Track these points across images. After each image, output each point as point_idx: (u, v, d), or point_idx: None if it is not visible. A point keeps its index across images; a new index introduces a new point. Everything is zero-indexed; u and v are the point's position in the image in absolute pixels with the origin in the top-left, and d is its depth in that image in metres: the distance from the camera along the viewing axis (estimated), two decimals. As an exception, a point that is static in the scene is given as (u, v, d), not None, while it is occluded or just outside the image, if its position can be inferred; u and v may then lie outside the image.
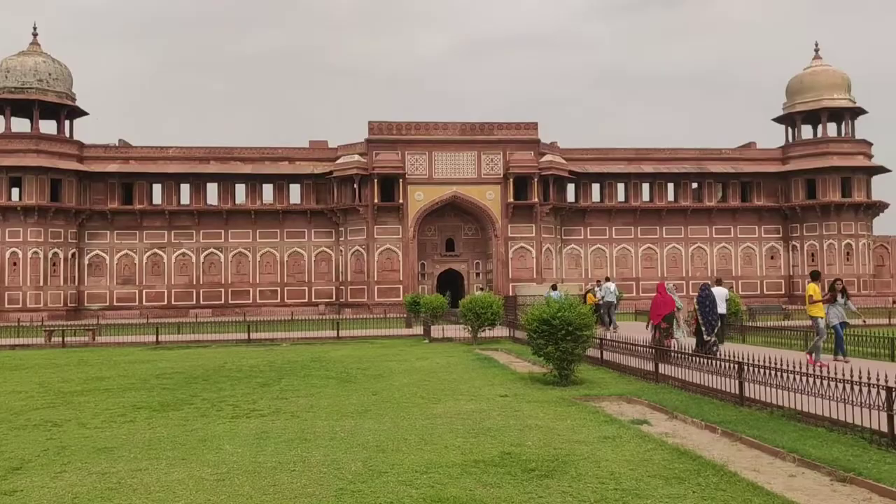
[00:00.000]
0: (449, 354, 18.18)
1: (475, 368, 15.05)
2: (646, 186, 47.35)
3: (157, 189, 44.47)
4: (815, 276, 14.96)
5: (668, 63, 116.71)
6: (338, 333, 24.81)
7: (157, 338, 23.91)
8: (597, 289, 25.92)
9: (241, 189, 44.94)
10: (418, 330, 25.89)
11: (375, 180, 42.27)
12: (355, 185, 42.67)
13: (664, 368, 12.28)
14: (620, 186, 47.14)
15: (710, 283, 16.51)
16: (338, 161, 43.84)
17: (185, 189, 44.65)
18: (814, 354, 13.48)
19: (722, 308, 17.12)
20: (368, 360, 16.92)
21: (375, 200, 42.33)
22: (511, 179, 42.68)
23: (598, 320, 20.25)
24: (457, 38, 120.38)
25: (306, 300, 44.78)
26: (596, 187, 47.13)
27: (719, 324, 15.80)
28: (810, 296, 14.13)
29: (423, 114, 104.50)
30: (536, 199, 42.53)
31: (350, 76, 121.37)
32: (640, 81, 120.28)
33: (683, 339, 15.29)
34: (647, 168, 46.55)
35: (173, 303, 43.79)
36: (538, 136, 43.71)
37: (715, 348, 14.30)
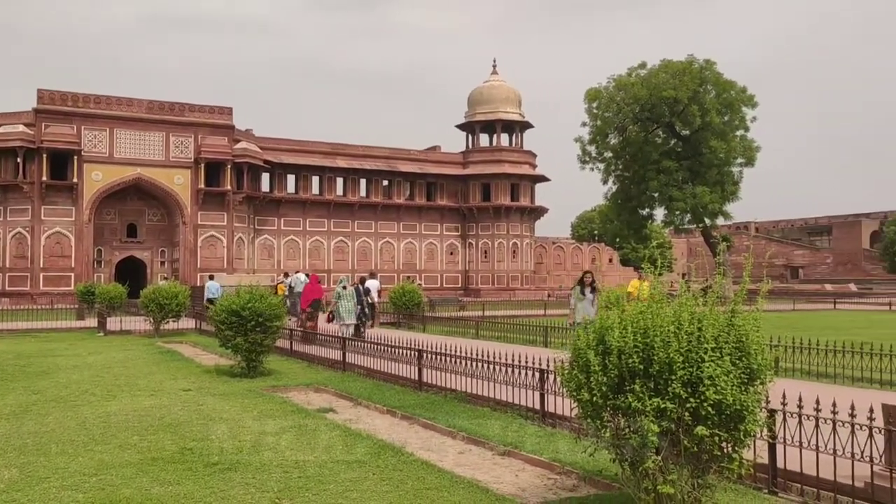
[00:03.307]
0: (127, 348, 16.94)
1: (157, 362, 14.20)
2: (340, 181, 48.40)
3: None
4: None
5: (367, 63, 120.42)
6: (-9, 326, 21.77)
7: None
8: (286, 279, 25.95)
9: None
10: (93, 322, 23.69)
11: (45, 155, 37.84)
12: (19, 160, 37.77)
13: (350, 357, 12.68)
14: (315, 179, 47.61)
15: (366, 276, 19.40)
16: (-3, 130, 38.45)
17: None
18: None
19: (374, 298, 21.21)
20: (30, 356, 15.11)
21: (44, 178, 37.91)
22: (203, 165, 40.92)
23: (289, 311, 20.30)
24: (147, 8, 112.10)
25: (-49, 288, 38.68)
26: (291, 178, 47.07)
27: (369, 311, 19.69)
28: (630, 293, 13.74)
29: (106, 87, 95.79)
30: (229, 187, 41.29)
31: (10, 32, 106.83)
32: (338, 78, 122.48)
33: (345, 324, 17.12)
34: (342, 163, 47.60)
35: None
36: (233, 121, 42.47)
37: (363, 331, 16.86)
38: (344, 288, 17.93)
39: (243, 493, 5.53)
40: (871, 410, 5.06)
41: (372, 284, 21.92)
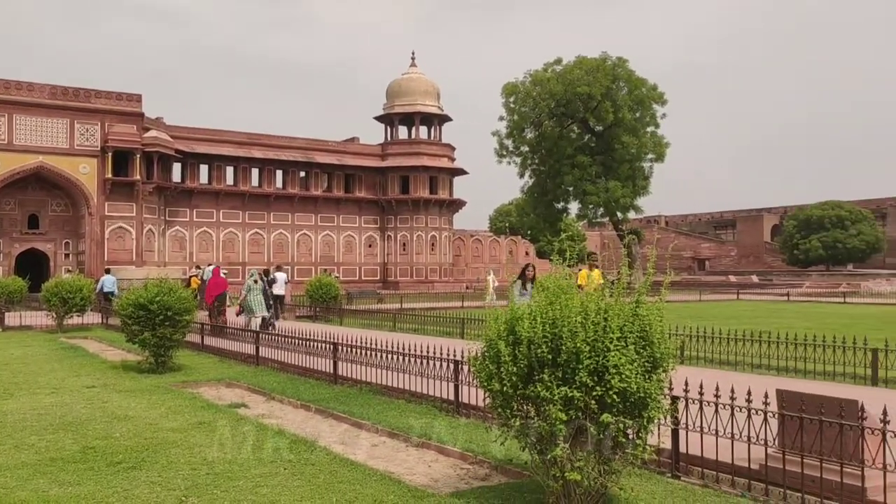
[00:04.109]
0: (27, 344, 16.17)
1: (59, 359, 13.60)
2: (255, 171, 47.42)
3: None
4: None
5: (285, 53, 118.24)
6: None
7: None
8: (198, 272, 25.34)
9: None
10: (-11, 318, 22.48)
11: (-65, 141, 35.65)
12: None
13: (264, 351, 12.48)
14: (230, 170, 46.50)
15: (271, 268, 19.62)
16: None
17: None
18: None
19: (280, 290, 21.60)
20: (-82, 354, 14.24)
21: (-65, 165, 35.72)
22: (110, 153, 39.33)
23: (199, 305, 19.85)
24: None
25: None
26: (204, 169, 45.83)
27: (277, 304, 20.17)
28: (580, 285, 13.29)
29: (10, 72, 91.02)
30: (139, 177, 39.85)
31: None
32: (256, 68, 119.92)
33: (255, 317, 17.24)
34: (258, 153, 46.65)
35: None
36: (142, 109, 40.95)
37: (272, 324, 16.91)
38: (255, 281, 17.86)
39: (148, 493, 5.36)
40: (766, 396, 5.31)
41: (279, 277, 22.23)
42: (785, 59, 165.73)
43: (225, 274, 19.72)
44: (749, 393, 5.37)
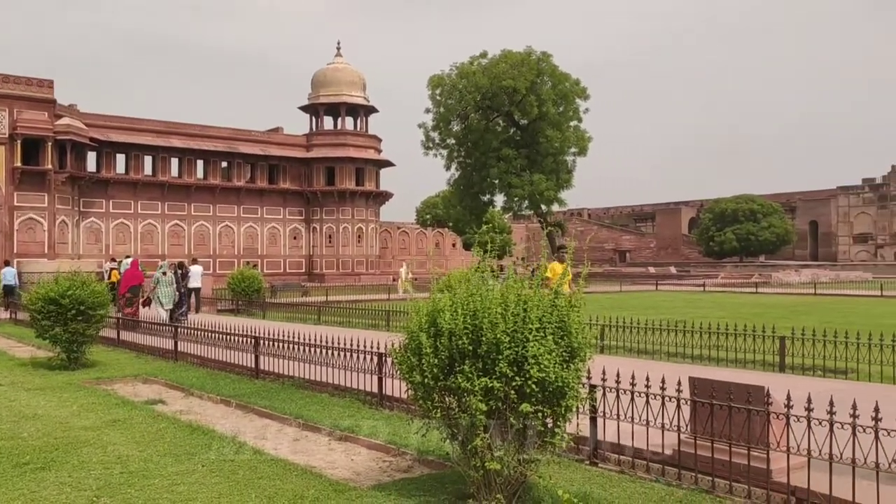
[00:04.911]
0: (-73, 342, 15.35)
1: (-38, 356, 12.96)
2: (175, 161, 46.03)
3: None
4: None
5: (207, 41, 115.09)
6: None
7: None
8: (114, 264, 24.55)
9: None
10: None
11: None
12: None
13: (184, 346, 12.17)
14: (148, 159, 45.01)
15: (187, 261, 19.93)
16: None
17: None
18: None
19: (196, 283, 21.87)
20: None
21: None
22: (19, 141, 37.52)
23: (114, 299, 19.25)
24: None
25: None
26: (121, 158, 44.21)
27: (193, 297, 20.97)
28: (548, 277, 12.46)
29: None
30: (50, 166, 38.16)
31: None
32: (174, 54, 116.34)
33: (163, 309, 17.44)
34: (177, 143, 45.31)
35: None
36: (54, 95, 39.21)
37: (183, 317, 17.27)
38: (164, 273, 17.89)
39: (57, 494, 5.16)
40: (679, 383, 5.48)
41: (195, 270, 22.48)
42: (699, 61, 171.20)
43: (143, 268, 19.57)
44: (663, 381, 5.54)
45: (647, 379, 5.67)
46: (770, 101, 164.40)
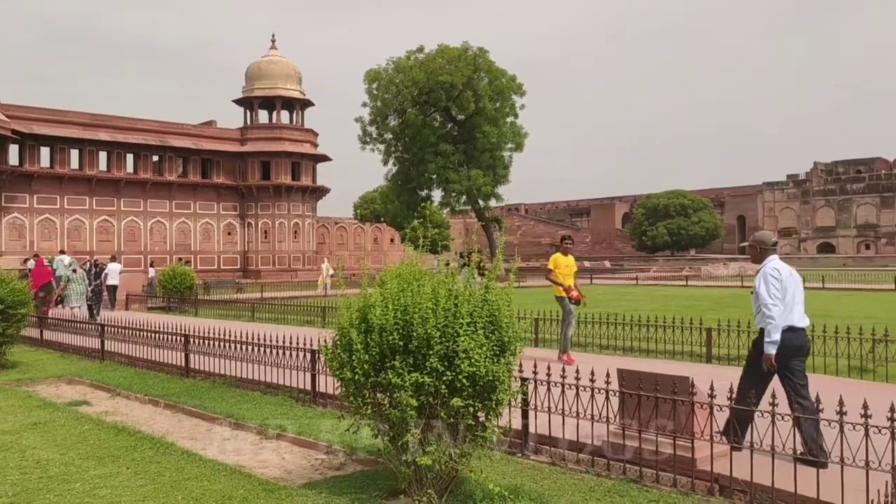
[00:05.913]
0: None
1: None
2: (103, 155, 44.58)
3: None
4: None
5: (136, 31, 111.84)
6: None
7: None
8: (32, 262, 23.78)
9: None
10: None
11: None
12: None
13: (111, 345, 11.81)
14: (74, 153, 43.46)
15: (102, 259, 20.48)
16: None
17: None
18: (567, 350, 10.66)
19: (114, 281, 22.04)
20: None
21: None
22: (-67, 133, 35.87)
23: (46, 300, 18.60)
24: None
25: None
26: (46, 151, 42.61)
27: (110, 294, 21.56)
28: (550, 269, 11.35)
29: None
30: (-32, 159, 36.57)
31: None
32: (101, 43, 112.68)
33: (77, 308, 17.25)
34: (105, 136, 43.88)
35: None
36: (-28, 85, 37.56)
37: (98, 315, 17.60)
38: (74, 271, 17.69)
39: (-30, 502, 4.94)
40: (608, 375, 5.57)
41: (113, 268, 22.52)
42: (631, 60, 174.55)
43: (49, 263, 20.81)
44: (592, 373, 5.62)
45: (577, 371, 5.74)
46: (702, 101, 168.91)
